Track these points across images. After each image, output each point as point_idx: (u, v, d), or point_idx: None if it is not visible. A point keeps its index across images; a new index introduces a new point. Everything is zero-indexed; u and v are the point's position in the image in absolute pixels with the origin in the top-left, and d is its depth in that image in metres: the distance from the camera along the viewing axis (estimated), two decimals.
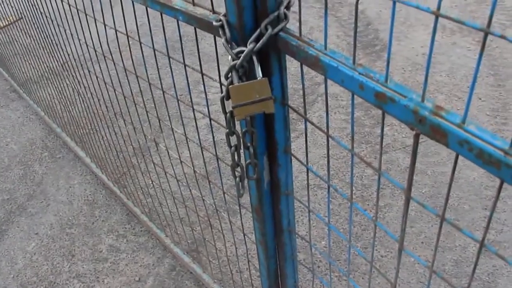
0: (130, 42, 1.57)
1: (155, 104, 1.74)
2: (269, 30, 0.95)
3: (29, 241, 2.79)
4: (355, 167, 2.95)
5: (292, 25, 0.93)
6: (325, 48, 0.89)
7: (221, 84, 1.18)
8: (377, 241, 2.51)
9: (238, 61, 0.98)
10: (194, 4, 1.11)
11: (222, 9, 1.02)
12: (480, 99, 3.40)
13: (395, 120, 2.73)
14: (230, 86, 0.98)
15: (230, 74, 1.00)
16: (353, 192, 2.80)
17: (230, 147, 1.15)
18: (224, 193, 1.59)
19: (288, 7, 0.96)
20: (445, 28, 4.18)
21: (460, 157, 0.72)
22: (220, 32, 1.00)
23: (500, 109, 3.29)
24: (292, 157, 1.24)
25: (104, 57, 1.86)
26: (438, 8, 0.66)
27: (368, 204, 2.72)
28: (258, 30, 0.97)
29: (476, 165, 0.68)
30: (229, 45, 1.00)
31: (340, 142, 0.98)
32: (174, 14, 1.15)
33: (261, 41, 0.96)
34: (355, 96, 0.87)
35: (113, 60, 1.82)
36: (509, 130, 3.09)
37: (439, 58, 3.85)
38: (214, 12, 1.07)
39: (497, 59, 3.77)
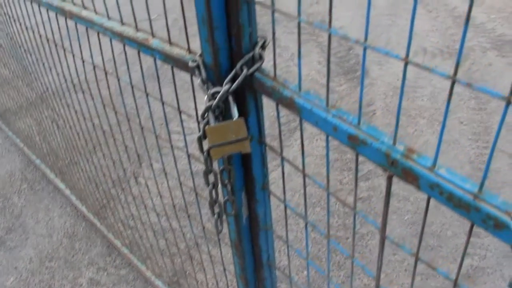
0: (108, 74, 1.57)
1: (133, 137, 1.73)
2: (245, 71, 0.96)
3: (8, 275, 2.73)
4: (337, 193, 2.96)
5: (269, 55, 0.94)
6: (299, 89, 0.90)
7: (198, 122, 1.19)
8: (360, 269, 2.50)
9: (214, 102, 0.98)
10: (170, 43, 1.12)
11: (198, 45, 1.01)
12: (462, 123, 3.45)
13: None
14: (207, 127, 0.98)
15: (206, 114, 1.00)
16: (335, 220, 2.80)
17: (208, 184, 1.15)
18: (203, 227, 1.58)
19: (263, 47, 0.97)
20: (426, 51, 4.26)
21: None
22: (196, 73, 1.01)
23: (482, 132, 3.34)
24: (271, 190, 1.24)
25: (82, 90, 1.86)
26: (407, 55, 0.67)
27: (350, 232, 2.72)
28: (234, 71, 0.97)
29: (448, 207, 0.69)
30: (205, 85, 1.00)
31: (316, 181, 0.99)
32: (151, 53, 1.16)
33: (236, 82, 0.96)
34: None
35: (90, 93, 1.81)
36: None
37: (420, 82, 3.91)
38: (190, 52, 1.07)
39: (478, 82, 3.83)
